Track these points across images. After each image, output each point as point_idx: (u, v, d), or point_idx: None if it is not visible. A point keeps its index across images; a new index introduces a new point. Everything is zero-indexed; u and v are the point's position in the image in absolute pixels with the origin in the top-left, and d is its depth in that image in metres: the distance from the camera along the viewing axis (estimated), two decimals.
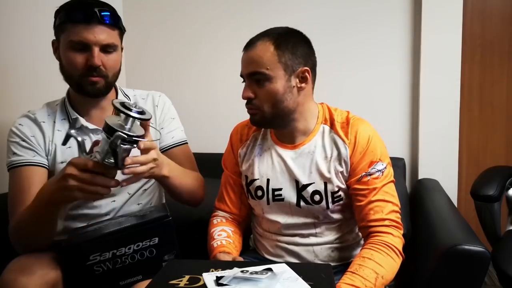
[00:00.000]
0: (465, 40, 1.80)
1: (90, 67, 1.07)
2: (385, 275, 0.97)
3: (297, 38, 1.06)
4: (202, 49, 2.00)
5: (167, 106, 1.28)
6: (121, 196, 1.18)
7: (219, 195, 1.25)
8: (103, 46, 1.07)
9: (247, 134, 1.19)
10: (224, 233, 1.14)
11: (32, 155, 1.12)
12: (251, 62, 1.04)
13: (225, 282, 0.78)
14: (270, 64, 1.01)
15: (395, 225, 1.03)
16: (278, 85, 1.02)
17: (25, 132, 1.13)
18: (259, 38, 1.05)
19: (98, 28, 1.06)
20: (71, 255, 1.01)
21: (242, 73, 1.08)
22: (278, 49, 1.02)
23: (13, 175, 1.11)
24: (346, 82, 1.86)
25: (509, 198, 1.40)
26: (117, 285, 1.05)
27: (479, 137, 1.89)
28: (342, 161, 1.06)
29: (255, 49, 1.03)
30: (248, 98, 1.06)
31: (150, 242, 1.04)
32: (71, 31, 1.05)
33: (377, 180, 1.04)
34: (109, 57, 1.10)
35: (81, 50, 1.06)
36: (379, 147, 1.07)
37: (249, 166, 1.16)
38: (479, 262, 0.98)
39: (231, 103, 1.97)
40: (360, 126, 1.07)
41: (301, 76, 1.04)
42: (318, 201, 1.07)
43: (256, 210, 1.17)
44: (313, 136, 1.10)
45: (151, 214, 1.10)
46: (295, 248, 1.11)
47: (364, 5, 1.84)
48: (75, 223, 1.17)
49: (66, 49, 1.08)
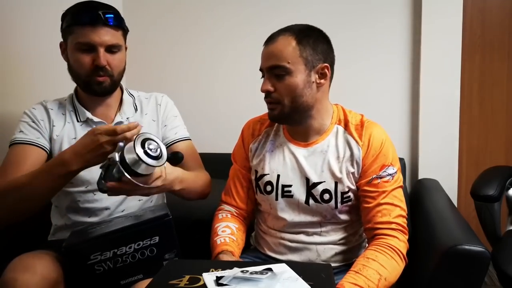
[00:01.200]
0: (465, 40, 1.80)
1: (96, 67, 1.13)
2: (388, 278, 0.97)
3: (317, 34, 1.08)
4: (202, 49, 1.99)
5: (169, 105, 1.33)
6: None
7: (226, 188, 1.26)
8: (108, 46, 1.13)
9: (259, 130, 1.20)
10: (228, 230, 1.14)
11: (37, 136, 1.17)
12: (272, 56, 1.04)
13: (225, 282, 0.78)
14: (291, 58, 1.02)
15: (401, 230, 1.04)
16: (298, 79, 1.03)
17: (36, 115, 1.20)
18: (280, 33, 1.06)
19: (103, 30, 1.11)
20: (72, 255, 1.02)
21: (262, 67, 1.08)
22: (300, 44, 1.03)
23: (12, 150, 1.15)
24: (346, 81, 1.85)
25: (509, 198, 1.40)
26: (118, 284, 1.05)
27: (479, 137, 1.89)
28: (354, 162, 1.07)
29: (277, 43, 1.04)
30: (267, 91, 1.06)
31: (151, 241, 1.05)
32: (78, 33, 1.11)
33: (387, 184, 1.05)
34: (114, 57, 1.15)
35: (88, 51, 1.12)
36: (391, 151, 1.08)
37: (259, 161, 1.17)
38: (479, 262, 0.98)
39: (231, 103, 1.98)
40: (374, 129, 1.09)
41: (320, 72, 1.06)
42: (327, 200, 1.08)
43: (263, 205, 1.18)
44: (326, 136, 1.11)
45: (151, 213, 1.11)
46: (299, 245, 1.12)
47: (363, 3, 1.84)
48: (76, 216, 1.20)
49: (74, 50, 1.13)
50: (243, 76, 1.94)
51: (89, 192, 1.19)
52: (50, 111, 1.22)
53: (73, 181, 1.14)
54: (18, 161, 1.12)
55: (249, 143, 1.21)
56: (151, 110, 1.29)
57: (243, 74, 1.93)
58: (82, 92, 1.21)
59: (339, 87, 1.95)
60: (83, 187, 1.18)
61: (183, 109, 1.40)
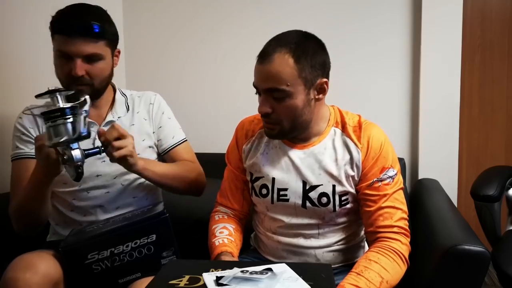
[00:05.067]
0: (465, 40, 1.80)
1: (73, 77, 1.09)
2: (390, 281, 0.96)
3: (313, 45, 1.02)
4: (202, 49, 1.99)
5: (162, 104, 1.32)
6: (114, 187, 1.21)
7: (221, 190, 1.24)
8: (86, 56, 1.10)
9: (253, 130, 1.17)
10: (225, 231, 1.13)
11: (31, 148, 1.17)
12: (269, 78, 0.98)
13: (225, 282, 0.77)
14: (290, 80, 0.97)
15: (404, 233, 1.03)
16: (298, 100, 1.00)
17: (25, 125, 1.20)
18: (275, 49, 0.98)
19: (79, 40, 1.07)
20: (70, 254, 1.02)
21: (258, 86, 1.02)
22: (298, 63, 0.97)
23: (14, 167, 1.20)
24: (346, 81, 1.85)
25: (509, 198, 1.40)
26: (116, 283, 1.05)
27: (479, 137, 1.89)
28: (354, 165, 1.05)
29: (273, 63, 0.97)
30: (266, 113, 1.02)
31: (148, 239, 1.05)
32: (58, 41, 1.10)
33: (388, 187, 1.04)
34: (94, 66, 1.12)
35: (66, 59, 1.10)
36: (391, 153, 1.06)
37: (253, 164, 1.14)
38: (479, 262, 0.97)
39: (231, 103, 1.98)
40: (372, 131, 1.06)
41: (319, 87, 1.02)
42: (325, 203, 1.06)
43: (260, 207, 1.17)
44: (323, 138, 1.09)
45: (147, 212, 1.12)
46: (297, 250, 1.10)
47: (363, 4, 1.84)
48: (72, 214, 1.21)
49: (56, 56, 1.13)
50: (240, 76, 1.93)
51: (83, 191, 1.19)
52: (37, 117, 1.20)
53: (66, 182, 1.16)
54: (21, 177, 1.14)
55: (242, 144, 1.18)
56: (143, 108, 1.29)
57: (239, 74, 1.93)
58: None
59: (339, 87, 1.95)
60: (77, 186, 1.18)
61: (180, 108, 1.40)
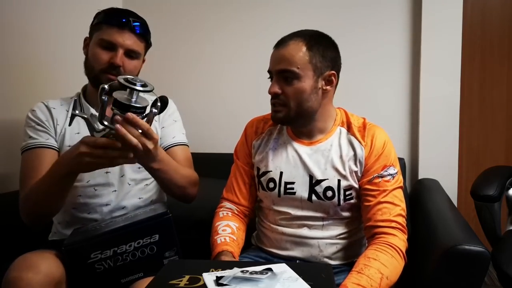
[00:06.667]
0: (465, 40, 1.80)
1: (111, 65, 1.16)
2: (390, 276, 0.98)
3: (327, 42, 1.11)
4: (204, 49, 2.00)
5: (171, 108, 1.34)
6: (121, 186, 1.22)
7: (228, 185, 1.27)
8: (128, 50, 1.18)
9: (263, 128, 1.23)
10: (228, 229, 1.15)
11: (46, 138, 1.19)
12: (282, 60, 1.07)
13: (225, 282, 0.78)
14: (301, 64, 1.05)
15: (401, 229, 1.06)
16: (306, 84, 1.06)
17: (39, 116, 1.21)
18: (291, 37, 1.08)
19: (128, 34, 1.18)
20: (72, 254, 1.02)
21: (271, 69, 1.11)
22: (310, 50, 1.06)
23: (26, 156, 1.17)
24: (346, 81, 1.83)
25: (509, 198, 1.40)
26: (118, 282, 1.05)
27: (479, 137, 1.89)
28: (357, 161, 1.10)
29: (288, 47, 1.07)
30: (275, 93, 1.09)
31: (151, 239, 1.05)
32: (105, 31, 1.17)
33: (388, 183, 1.08)
34: (130, 62, 1.20)
35: (108, 48, 1.17)
36: (393, 152, 1.12)
37: (262, 158, 1.19)
38: (479, 262, 0.98)
39: (232, 104, 1.98)
40: (376, 131, 1.13)
41: (327, 79, 1.10)
42: (330, 197, 1.10)
43: (265, 202, 1.19)
44: (330, 136, 1.14)
45: (151, 212, 1.12)
46: (301, 240, 1.13)
47: (364, 5, 1.84)
48: (77, 212, 1.21)
49: (95, 45, 1.18)
50: (245, 77, 1.95)
51: (90, 187, 1.20)
52: (52, 109, 1.23)
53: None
54: (35, 167, 1.14)
55: (252, 140, 1.23)
56: None
57: (244, 75, 1.94)
58: (91, 87, 1.23)
59: (340, 87, 1.95)
60: (85, 181, 1.19)
61: (184, 109, 1.40)
